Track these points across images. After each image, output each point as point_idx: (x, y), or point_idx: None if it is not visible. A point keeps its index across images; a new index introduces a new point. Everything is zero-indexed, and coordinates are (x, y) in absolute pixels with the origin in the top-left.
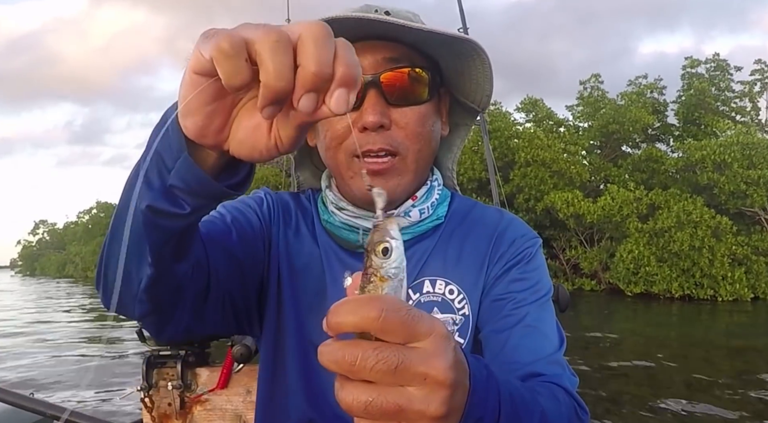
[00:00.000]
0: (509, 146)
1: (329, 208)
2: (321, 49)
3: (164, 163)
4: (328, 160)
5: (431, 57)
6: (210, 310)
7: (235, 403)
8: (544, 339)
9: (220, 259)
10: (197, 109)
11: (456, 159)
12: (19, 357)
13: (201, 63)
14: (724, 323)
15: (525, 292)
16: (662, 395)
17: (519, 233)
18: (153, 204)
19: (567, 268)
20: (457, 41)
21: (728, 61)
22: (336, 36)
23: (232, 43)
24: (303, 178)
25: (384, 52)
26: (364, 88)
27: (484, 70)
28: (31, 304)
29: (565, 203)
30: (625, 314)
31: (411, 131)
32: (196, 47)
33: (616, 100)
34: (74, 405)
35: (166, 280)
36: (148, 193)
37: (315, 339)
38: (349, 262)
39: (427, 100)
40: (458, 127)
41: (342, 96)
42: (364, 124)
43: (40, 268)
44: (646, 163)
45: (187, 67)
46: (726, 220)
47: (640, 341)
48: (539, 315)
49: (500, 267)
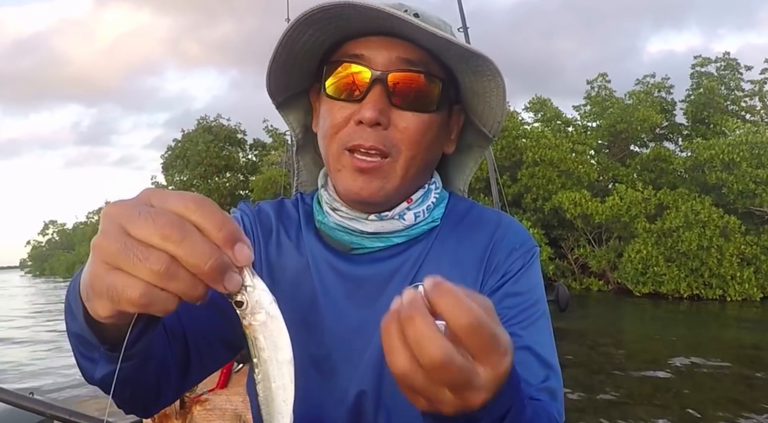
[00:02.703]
0: (517, 146)
1: (324, 209)
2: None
3: (87, 342)
4: (323, 149)
5: (450, 69)
6: (197, 365)
7: (235, 402)
8: (536, 364)
9: (199, 315)
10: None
11: (468, 181)
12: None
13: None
14: (734, 323)
15: (519, 309)
16: (669, 395)
17: (517, 242)
18: (106, 373)
19: (575, 267)
20: (471, 56)
21: (738, 60)
22: (353, 24)
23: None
24: (304, 163)
25: (400, 50)
26: (370, 82)
27: (498, 93)
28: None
29: (573, 203)
30: (633, 314)
31: (408, 137)
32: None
33: (624, 99)
34: (74, 405)
35: (140, 391)
36: (93, 365)
37: (308, 352)
38: (340, 267)
39: (434, 111)
40: (471, 148)
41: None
42: (360, 118)
43: (49, 268)
44: (655, 162)
45: (102, 300)
46: (734, 219)
47: (648, 341)
48: (533, 337)
49: (496, 279)
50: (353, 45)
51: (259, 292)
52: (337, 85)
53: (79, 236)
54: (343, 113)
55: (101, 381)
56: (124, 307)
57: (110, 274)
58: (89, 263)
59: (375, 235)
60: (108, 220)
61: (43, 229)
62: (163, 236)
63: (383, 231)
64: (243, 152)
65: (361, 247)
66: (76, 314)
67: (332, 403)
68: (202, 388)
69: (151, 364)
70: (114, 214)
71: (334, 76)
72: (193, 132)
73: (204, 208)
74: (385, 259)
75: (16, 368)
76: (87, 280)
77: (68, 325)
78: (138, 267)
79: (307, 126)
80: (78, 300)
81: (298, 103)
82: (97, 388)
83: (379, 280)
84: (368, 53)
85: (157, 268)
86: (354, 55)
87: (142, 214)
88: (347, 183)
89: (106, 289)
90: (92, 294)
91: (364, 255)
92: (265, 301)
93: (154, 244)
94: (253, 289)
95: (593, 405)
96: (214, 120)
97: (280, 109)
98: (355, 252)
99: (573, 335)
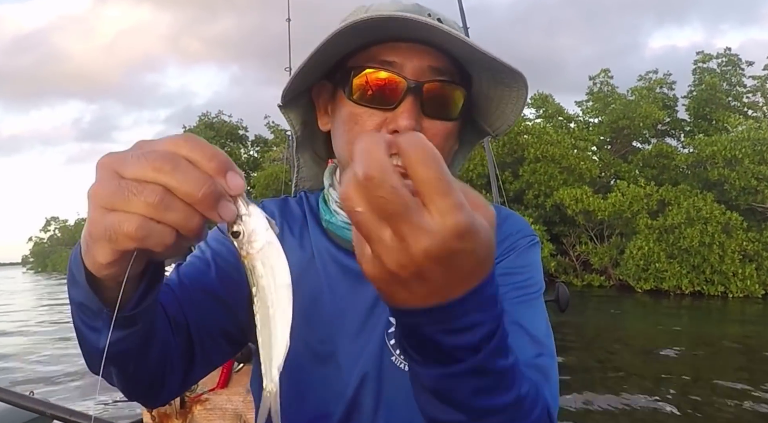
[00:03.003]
0: (519, 142)
1: (331, 208)
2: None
3: (91, 310)
4: (345, 153)
5: (468, 74)
6: (201, 358)
7: (235, 402)
8: (526, 338)
9: (201, 307)
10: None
11: (456, 174)
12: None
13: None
14: (736, 319)
15: (512, 287)
16: (669, 392)
17: (515, 229)
18: (112, 341)
19: (577, 264)
20: (505, 69)
21: (740, 56)
22: (386, 31)
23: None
24: (303, 159)
25: (429, 59)
26: (405, 92)
27: (517, 104)
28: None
29: (575, 199)
30: (634, 311)
31: (436, 145)
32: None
33: (626, 95)
34: (73, 404)
35: (143, 371)
36: (95, 335)
37: (312, 347)
38: (347, 264)
39: (457, 118)
40: (463, 144)
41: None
42: (397, 128)
43: (51, 264)
44: (657, 158)
45: (100, 240)
46: (736, 216)
47: (649, 338)
48: (525, 312)
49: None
50: (382, 50)
51: (254, 220)
52: (366, 91)
53: (81, 232)
54: (373, 120)
55: (105, 350)
56: (123, 243)
57: (107, 215)
58: (87, 214)
59: None
60: (101, 168)
61: (45, 226)
62: (155, 168)
63: None
64: (245, 148)
65: None
66: (77, 278)
67: (332, 397)
68: (203, 388)
69: (155, 344)
70: (106, 162)
71: (361, 81)
72: (194, 128)
73: (193, 141)
74: None
75: (18, 367)
76: (86, 230)
77: (71, 296)
78: (133, 202)
79: (305, 123)
80: (80, 262)
81: (299, 100)
82: (97, 388)
83: None
84: (399, 60)
85: (151, 200)
86: (384, 61)
87: (133, 155)
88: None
89: (104, 230)
90: (91, 242)
91: None
92: (261, 227)
93: (147, 178)
94: (248, 217)
95: (593, 400)
96: (215, 116)
97: (282, 107)
98: None
99: (573, 331)
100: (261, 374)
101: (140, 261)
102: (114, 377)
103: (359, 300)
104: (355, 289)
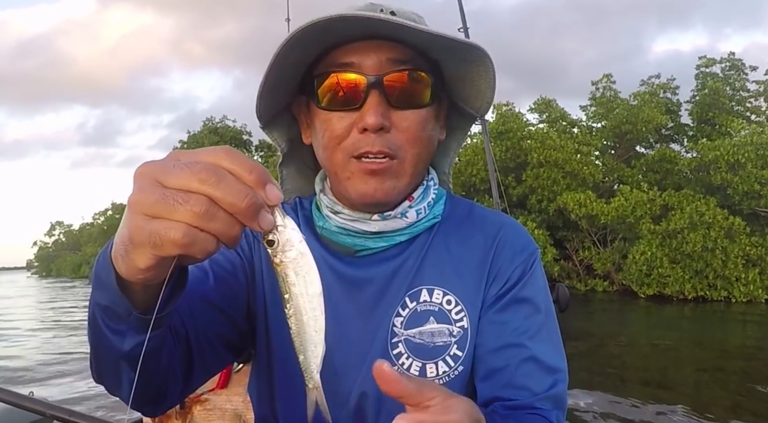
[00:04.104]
0: (522, 147)
1: (324, 213)
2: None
3: (116, 314)
4: (325, 160)
5: (433, 60)
6: (200, 366)
7: (235, 402)
8: (542, 373)
9: (200, 316)
10: (148, 270)
11: (452, 163)
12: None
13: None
14: (739, 324)
15: (524, 317)
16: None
17: (519, 246)
18: (133, 345)
19: (580, 269)
20: (463, 46)
21: (743, 61)
22: (339, 33)
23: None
24: (287, 173)
25: (388, 52)
26: (367, 88)
27: (487, 77)
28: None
29: (578, 204)
30: (637, 316)
31: (411, 135)
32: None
33: (629, 100)
34: (74, 405)
35: (156, 376)
36: (116, 338)
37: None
38: (340, 270)
39: (429, 104)
40: (454, 131)
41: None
42: (365, 126)
43: (56, 269)
44: (660, 163)
45: (142, 249)
46: (739, 220)
47: (652, 342)
48: (539, 346)
49: (499, 285)
50: (340, 54)
51: (289, 231)
52: (332, 95)
53: (86, 237)
54: (343, 123)
55: (129, 354)
56: (167, 250)
57: (151, 223)
58: (125, 220)
59: (378, 234)
60: (142, 178)
61: (49, 230)
62: (201, 180)
63: (386, 230)
64: (249, 153)
65: (365, 248)
66: (106, 282)
67: (334, 406)
68: (202, 388)
69: (166, 349)
70: (147, 172)
71: (325, 86)
72: (199, 133)
73: (233, 154)
74: (389, 258)
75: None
76: (124, 234)
77: (96, 300)
78: (179, 210)
79: (291, 140)
80: (109, 266)
81: (281, 119)
82: (97, 387)
83: (381, 280)
84: (357, 60)
85: (197, 210)
86: (343, 63)
87: (176, 166)
88: (360, 187)
89: (148, 236)
90: (131, 246)
91: (367, 257)
92: (295, 239)
93: (192, 188)
94: (284, 228)
95: (596, 404)
96: (219, 121)
97: (265, 129)
98: (359, 254)
99: (576, 336)
100: (263, 375)
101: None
102: (124, 386)
103: (354, 306)
104: (350, 294)
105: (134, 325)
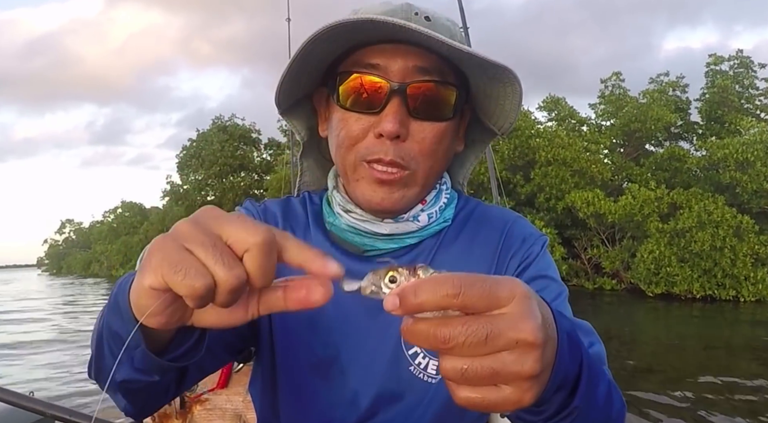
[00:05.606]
0: (530, 145)
1: (335, 210)
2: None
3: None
4: (337, 158)
5: (461, 72)
6: (193, 370)
7: (235, 402)
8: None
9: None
10: (158, 312)
11: (467, 175)
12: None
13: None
14: (747, 324)
15: (543, 289)
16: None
17: (527, 231)
18: (127, 378)
19: (588, 267)
20: (492, 66)
21: (752, 58)
22: (369, 33)
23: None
24: (307, 164)
25: (416, 59)
26: (389, 94)
27: (514, 99)
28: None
29: (586, 203)
30: (645, 315)
31: (426, 147)
32: (148, 263)
33: (638, 98)
34: (74, 405)
35: (150, 397)
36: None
37: (314, 352)
38: (350, 267)
39: (450, 118)
40: (474, 143)
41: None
42: (381, 131)
43: (66, 266)
44: (669, 161)
45: (139, 279)
46: (748, 219)
47: (660, 342)
48: (566, 311)
49: (515, 266)
50: (366, 53)
51: None
52: (353, 96)
53: (96, 235)
54: (360, 125)
55: (118, 384)
56: (184, 287)
57: (186, 253)
58: (163, 237)
59: (389, 236)
60: (206, 216)
61: (60, 228)
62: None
63: (397, 232)
64: (257, 152)
65: (374, 248)
66: (123, 311)
67: (344, 406)
68: (203, 388)
69: (163, 381)
70: (217, 216)
71: (347, 86)
72: (207, 131)
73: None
74: (397, 258)
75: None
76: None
77: (108, 322)
78: (219, 268)
79: (311, 128)
80: (127, 296)
81: (301, 107)
82: (97, 388)
83: None
84: (383, 63)
85: (234, 281)
86: (369, 64)
87: (248, 230)
88: (367, 193)
89: (179, 261)
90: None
91: (375, 256)
92: None
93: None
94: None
95: None
96: (228, 119)
97: (284, 115)
98: (367, 253)
99: None
100: (266, 374)
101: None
102: (118, 402)
103: (362, 304)
104: (359, 294)
105: (138, 357)
